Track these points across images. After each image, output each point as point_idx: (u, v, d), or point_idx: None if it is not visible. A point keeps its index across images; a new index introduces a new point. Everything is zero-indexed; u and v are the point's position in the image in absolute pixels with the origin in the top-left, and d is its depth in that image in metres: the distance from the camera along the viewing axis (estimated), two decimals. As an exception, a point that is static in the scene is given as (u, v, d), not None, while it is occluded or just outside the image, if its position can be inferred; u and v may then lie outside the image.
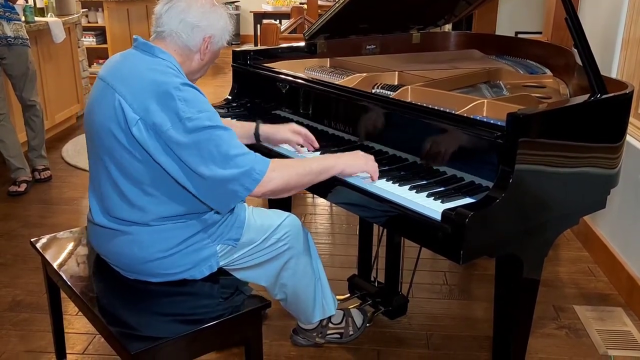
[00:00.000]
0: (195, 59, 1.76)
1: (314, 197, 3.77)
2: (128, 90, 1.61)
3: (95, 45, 6.76)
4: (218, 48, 1.79)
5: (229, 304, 1.69)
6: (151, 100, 1.58)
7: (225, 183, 1.59)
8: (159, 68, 1.65)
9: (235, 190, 1.60)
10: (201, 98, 1.63)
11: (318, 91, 2.08)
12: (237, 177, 1.59)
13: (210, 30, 1.73)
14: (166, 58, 1.69)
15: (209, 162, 1.58)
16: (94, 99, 1.71)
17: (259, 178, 1.61)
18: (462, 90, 2.15)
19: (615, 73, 2.87)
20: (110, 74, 1.68)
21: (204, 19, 1.71)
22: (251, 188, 1.61)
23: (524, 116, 1.50)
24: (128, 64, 1.70)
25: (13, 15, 3.72)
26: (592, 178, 1.78)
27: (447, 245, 1.47)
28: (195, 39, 1.72)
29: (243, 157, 1.60)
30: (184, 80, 1.64)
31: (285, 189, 1.69)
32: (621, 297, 2.65)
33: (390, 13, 2.61)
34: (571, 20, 1.76)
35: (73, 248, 1.99)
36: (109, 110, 1.63)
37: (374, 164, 1.74)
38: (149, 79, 1.61)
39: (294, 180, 1.68)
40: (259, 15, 8.11)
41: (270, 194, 1.68)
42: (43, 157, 4.09)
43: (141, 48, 1.72)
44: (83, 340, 2.32)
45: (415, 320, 2.47)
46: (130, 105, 1.59)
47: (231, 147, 1.60)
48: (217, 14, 1.75)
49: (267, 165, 1.62)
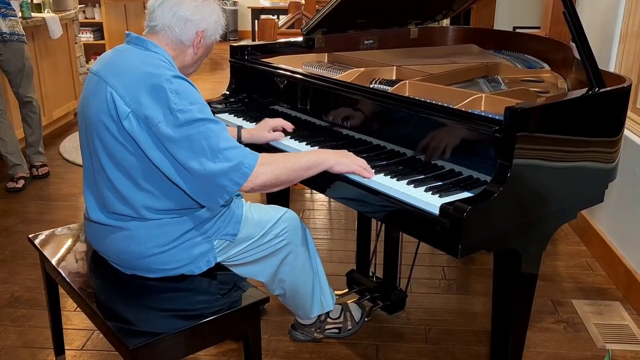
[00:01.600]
0: (189, 53, 1.76)
1: (312, 193, 3.77)
2: (120, 82, 1.61)
3: (92, 41, 6.75)
4: (211, 42, 1.79)
5: (227, 299, 1.69)
6: (143, 92, 1.58)
7: (214, 177, 1.59)
8: (152, 61, 1.65)
9: (224, 185, 1.61)
10: (193, 91, 1.63)
11: (316, 86, 2.08)
12: (227, 171, 1.60)
13: (203, 24, 1.73)
14: (159, 52, 1.69)
15: (199, 156, 1.58)
16: (87, 93, 1.71)
17: (248, 172, 1.61)
18: (460, 85, 2.15)
19: (614, 67, 2.86)
20: (103, 68, 1.68)
21: (196, 13, 1.71)
22: (240, 182, 1.62)
23: (522, 110, 1.50)
24: (121, 57, 1.70)
25: (9, 11, 3.71)
26: (590, 172, 1.78)
27: (445, 239, 1.47)
28: (188, 33, 1.72)
29: (232, 151, 1.61)
30: (175, 73, 1.64)
31: (275, 184, 1.69)
32: (619, 291, 2.66)
33: (388, 8, 2.61)
34: (569, 14, 1.76)
35: (71, 244, 1.99)
36: (101, 103, 1.63)
37: (362, 162, 1.74)
38: (141, 72, 1.62)
39: (283, 174, 1.69)
40: (257, 11, 8.11)
41: (260, 189, 1.69)
42: (40, 154, 4.08)
43: (134, 42, 1.72)
44: (81, 336, 2.32)
45: (414, 315, 2.47)
46: (122, 98, 1.59)
47: (221, 140, 1.61)
48: (210, 7, 1.75)
49: (256, 160, 1.63)
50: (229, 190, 1.62)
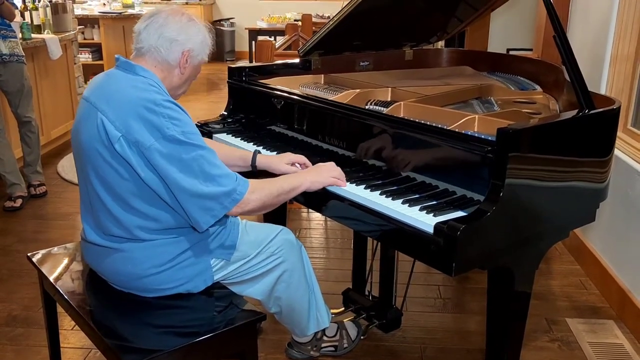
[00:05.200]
0: (176, 74, 1.78)
1: (309, 212, 3.79)
2: (110, 108, 1.64)
3: (91, 62, 6.81)
4: (198, 62, 1.81)
5: (224, 316, 1.71)
6: (133, 117, 1.61)
7: (204, 199, 1.63)
8: (141, 86, 1.68)
9: (211, 208, 1.65)
10: (183, 116, 1.66)
11: (312, 107, 2.11)
12: (218, 195, 1.64)
13: (188, 44, 1.75)
14: (148, 76, 1.72)
15: (191, 178, 1.62)
16: (79, 119, 1.74)
17: (238, 198, 1.67)
18: (454, 106, 2.18)
19: (604, 89, 2.91)
20: (94, 94, 1.71)
21: (182, 33, 1.74)
22: (229, 207, 1.67)
23: (514, 131, 1.54)
24: (111, 83, 1.73)
25: (9, 33, 3.75)
26: (581, 192, 1.82)
27: (440, 257, 1.49)
28: (175, 53, 1.74)
29: (225, 178, 1.66)
30: (165, 97, 1.67)
31: (261, 209, 1.77)
32: (612, 310, 2.68)
33: (383, 30, 2.65)
34: (559, 38, 1.81)
35: (69, 262, 2.00)
36: (92, 130, 1.65)
37: (335, 171, 1.83)
38: (131, 97, 1.64)
39: (269, 200, 1.75)
40: (254, 32, 8.18)
41: (246, 214, 1.75)
42: (39, 173, 4.10)
43: (123, 67, 1.75)
44: (79, 355, 2.33)
45: (410, 334, 2.48)
46: (112, 123, 1.62)
47: (213, 166, 1.65)
48: (196, 28, 1.78)
49: (247, 187, 1.69)
50: (216, 213, 1.66)
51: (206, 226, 1.69)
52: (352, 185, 1.82)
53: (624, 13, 2.77)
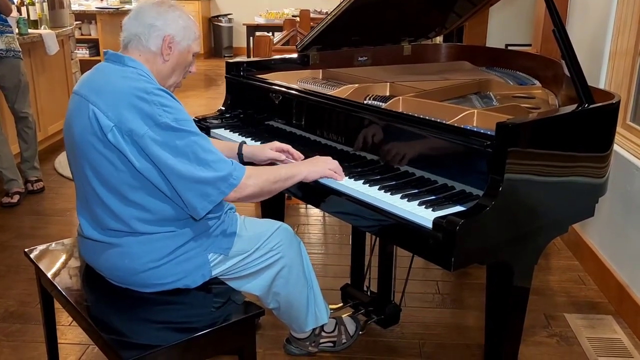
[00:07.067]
0: (159, 62, 1.77)
1: (307, 207, 3.79)
2: (101, 99, 1.64)
3: (88, 57, 6.79)
4: (183, 49, 1.79)
5: (222, 312, 1.70)
6: (125, 107, 1.61)
7: (201, 184, 1.63)
8: (131, 75, 1.68)
9: (208, 193, 1.64)
10: (175, 103, 1.66)
11: (311, 102, 2.11)
12: (214, 180, 1.64)
13: (168, 30, 1.74)
14: (136, 66, 1.72)
15: (186, 164, 1.61)
16: (70, 113, 1.73)
17: (235, 183, 1.67)
18: (453, 101, 2.18)
19: (603, 84, 2.91)
20: (84, 87, 1.71)
21: (159, 18, 1.74)
22: (226, 192, 1.66)
23: (513, 126, 1.53)
24: (100, 75, 1.73)
25: (5, 28, 3.73)
26: (580, 187, 1.81)
27: (439, 252, 1.49)
28: (155, 39, 1.74)
29: (221, 163, 1.66)
30: (156, 85, 1.67)
31: (258, 196, 1.76)
32: (611, 305, 2.68)
33: (382, 25, 2.65)
34: (559, 33, 1.80)
35: (67, 258, 1.99)
36: (84, 122, 1.65)
37: (333, 163, 1.82)
38: (122, 87, 1.64)
39: (266, 187, 1.75)
40: (252, 28, 8.16)
41: (244, 200, 1.74)
42: (36, 169, 4.09)
43: (112, 59, 1.75)
44: (76, 351, 2.32)
45: (408, 329, 2.48)
46: (104, 114, 1.62)
47: (207, 153, 1.65)
48: (175, 14, 1.77)
49: (244, 173, 1.69)
50: (213, 199, 1.66)
51: (203, 212, 1.68)
52: (351, 180, 1.81)
53: (623, 8, 2.76)
